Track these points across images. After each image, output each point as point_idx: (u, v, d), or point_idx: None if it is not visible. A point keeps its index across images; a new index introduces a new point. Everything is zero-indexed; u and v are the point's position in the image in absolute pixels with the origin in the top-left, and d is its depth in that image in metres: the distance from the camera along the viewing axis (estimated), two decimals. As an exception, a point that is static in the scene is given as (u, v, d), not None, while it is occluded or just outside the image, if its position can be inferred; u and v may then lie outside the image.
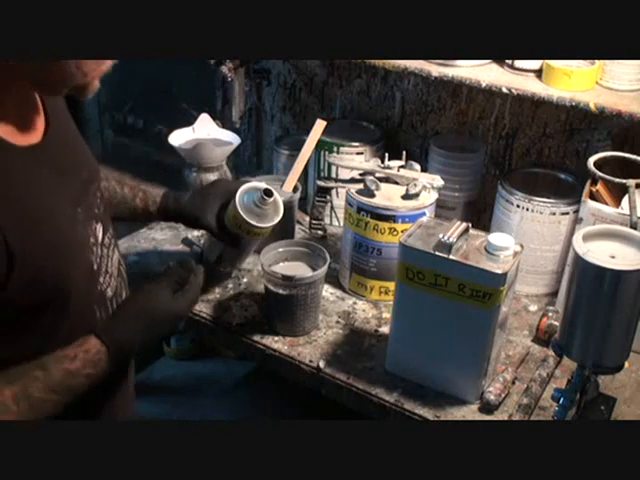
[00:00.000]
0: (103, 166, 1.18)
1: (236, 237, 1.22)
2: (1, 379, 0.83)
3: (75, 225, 0.91)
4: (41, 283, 0.84)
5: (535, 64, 1.29)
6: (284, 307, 1.25)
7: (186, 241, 1.54)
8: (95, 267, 0.95)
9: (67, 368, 0.87)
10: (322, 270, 1.24)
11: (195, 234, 1.57)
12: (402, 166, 1.36)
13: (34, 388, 0.84)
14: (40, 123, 0.90)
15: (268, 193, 1.17)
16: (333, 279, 1.42)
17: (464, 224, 1.09)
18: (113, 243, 1.02)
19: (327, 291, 1.39)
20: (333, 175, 1.52)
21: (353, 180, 1.36)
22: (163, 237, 1.58)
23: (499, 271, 1.04)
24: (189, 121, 1.57)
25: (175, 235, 1.58)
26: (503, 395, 1.15)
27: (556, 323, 1.26)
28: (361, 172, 1.36)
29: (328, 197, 1.45)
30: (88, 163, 1.01)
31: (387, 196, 1.31)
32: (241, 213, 1.17)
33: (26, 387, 0.84)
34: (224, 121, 1.68)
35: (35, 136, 0.88)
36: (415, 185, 1.30)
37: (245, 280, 1.43)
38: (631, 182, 1.14)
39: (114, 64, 0.85)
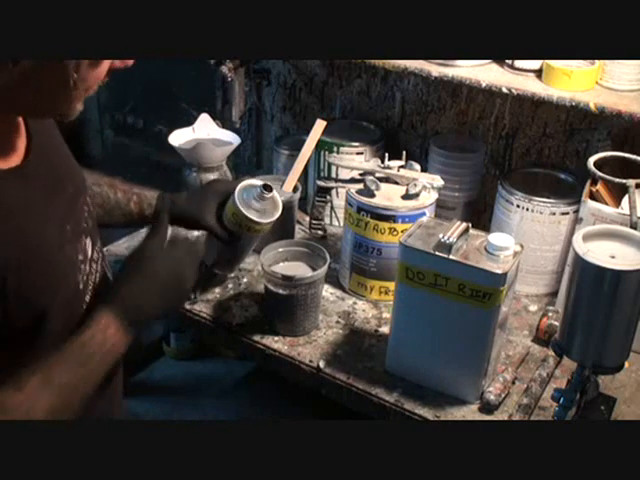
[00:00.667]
0: (93, 171, 1.17)
1: (235, 235, 1.22)
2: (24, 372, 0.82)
3: (63, 245, 0.88)
4: (26, 308, 0.82)
5: (535, 64, 1.29)
6: (284, 307, 1.25)
7: (186, 241, 1.53)
8: (81, 286, 0.92)
9: (83, 341, 0.86)
10: (322, 270, 1.24)
11: (195, 234, 1.56)
12: (402, 166, 1.36)
13: (55, 372, 0.83)
14: (21, 143, 0.86)
15: (267, 188, 1.17)
16: (333, 279, 1.42)
17: (464, 224, 1.09)
18: (101, 256, 1.00)
19: (327, 291, 1.39)
20: (333, 175, 1.52)
21: (353, 180, 1.36)
22: (163, 237, 1.57)
23: (499, 271, 1.04)
24: (189, 121, 1.57)
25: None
26: (503, 395, 1.15)
27: (556, 323, 1.25)
28: (361, 172, 1.36)
29: (328, 197, 1.45)
30: (73, 176, 0.97)
31: (387, 196, 1.31)
32: (241, 209, 1.16)
33: (47, 374, 0.83)
34: (224, 121, 1.68)
35: (16, 157, 0.85)
36: (415, 185, 1.30)
37: (245, 280, 1.43)
38: (631, 182, 1.14)
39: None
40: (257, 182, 1.19)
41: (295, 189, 1.43)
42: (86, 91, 0.82)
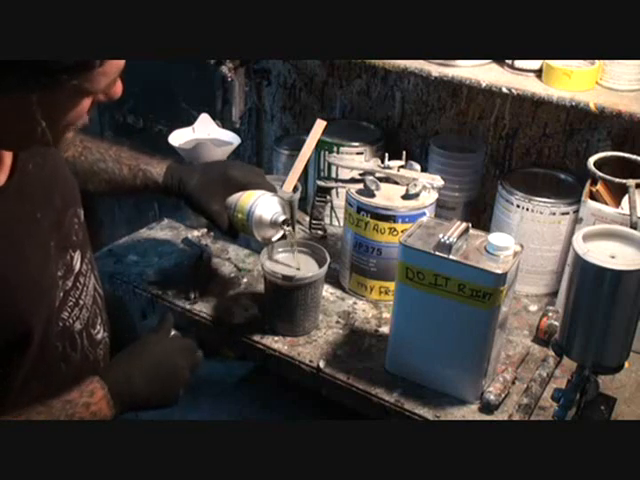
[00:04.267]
0: (100, 139, 1.16)
1: (236, 233, 1.23)
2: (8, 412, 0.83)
3: (47, 262, 0.88)
4: (7, 325, 0.82)
5: (535, 64, 1.29)
6: (284, 307, 1.25)
7: (186, 241, 1.54)
8: (57, 303, 0.91)
9: (67, 400, 0.86)
10: (322, 270, 1.24)
11: (195, 234, 1.57)
12: (402, 166, 1.36)
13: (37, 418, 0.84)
14: (7, 159, 0.85)
15: (286, 223, 1.20)
16: (333, 279, 1.42)
17: (464, 224, 1.09)
18: (90, 268, 1.00)
19: (327, 291, 1.39)
20: (333, 175, 1.52)
21: (353, 180, 1.36)
22: (163, 237, 1.58)
23: (499, 271, 1.04)
24: (189, 121, 1.57)
25: (175, 235, 1.58)
26: (503, 395, 1.15)
27: (556, 323, 1.25)
28: (361, 172, 1.36)
29: (328, 197, 1.45)
30: (63, 189, 0.96)
31: (387, 196, 1.31)
32: (252, 228, 1.18)
33: (29, 418, 0.84)
34: (224, 121, 1.68)
35: (2, 175, 0.84)
36: (415, 185, 1.30)
37: (245, 280, 1.43)
38: (631, 182, 1.14)
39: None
40: (275, 201, 1.20)
41: (295, 189, 1.43)
42: (69, 127, 0.81)
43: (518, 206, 1.35)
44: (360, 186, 1.33)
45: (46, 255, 0.89)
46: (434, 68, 1.32)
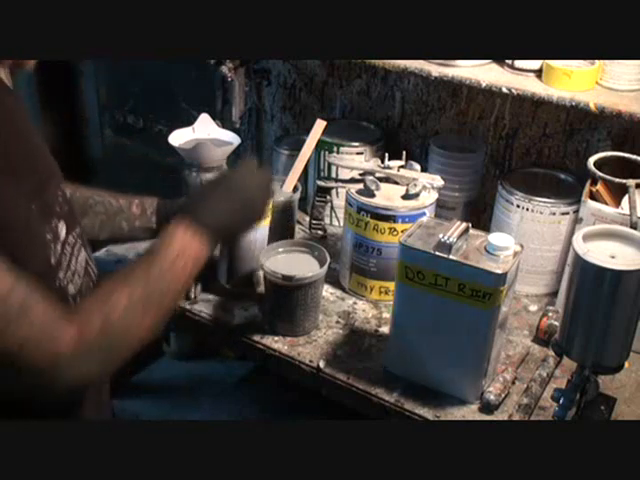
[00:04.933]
0: (92, 186, 1.18)
1: None
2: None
3: (29, 221, 0.89)
4: None
5: (535, 64, 1.29)
6: (284, 307, 1.25)
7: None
8: (53, 262, 0.92)
9: (166, 243, 0.91)
10: (322, 270, 1.24)
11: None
12: (402, 166, 1.36)
13: (138, 271, 0.88)
14: None
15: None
16: (333, 279, 1.42)
17: (464, 224, 1.09)
18: (80, 243, 1.01)
19: (327, 291, 1.39)
20: (333, 175, 1.52)
21: (353, 180, 1.36)
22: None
23: (499, 271, 1.04)
24: (189, 121, 1.57)
25: (175, 235, 1.58)
26: (503, 395, 1.15)
27: (556, 323, 1.25)
28: (361, 172, 1.36)
29: (328, 197, 1.45)
30: (45, 162, 0.98)
31: (387, 196, 1.31)
32: None
33: (129, 274, 0.87)
34: (224, 121, 1.68)
35: None
36: (415, 185, 1.30)
37: (245, 280, 1.43)
38: (631, 182, 1.14)
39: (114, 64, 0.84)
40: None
41: (295, 189, 1.43)
42: None
43: (518, 206, 1.35)
44: (360, 186, 1.33)
45: (28, 214, 0.89)
46: (434, 68, 1.32)
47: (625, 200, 1.19)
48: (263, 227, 1.30)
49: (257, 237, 1.30)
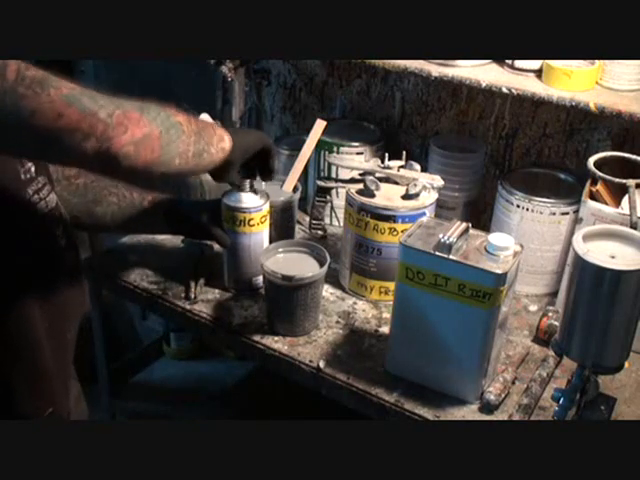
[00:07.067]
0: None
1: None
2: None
3: None
4: None
5: (535, 64, 1.29)
6: (284, 307, 1.25)
7: (186, 241, 1.54)
8: (23, 177, 0.91)
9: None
10: (322, 270, 1.24)
11: None
12: (402, 166, 1.36)
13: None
14: None
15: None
16: (333, 279, 1.42)
17: (464, 224, 1.09)
18: (49, 184, 0.99)
19: (327, 291, 1.39)
20: (333, 175, 1.52)
21: (353, 180, 1.36)
22: (163, 237, 1.57)
23: (499, 271, 1.04)
24: (189, 121, 1.56)
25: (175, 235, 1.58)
26: (503, 395, 1.15)
27: (556, 323, 1.25)
28: (361, 172, 1.36)
29: (328, 197, 1.45)
30: None
31: (387, 196, 1.31)
32: (227, 203, 1.28)
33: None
34: (224, 121, 1.68)
35: None
36: (415, 185, 1.30)
37: (245, 280, 1.43)
38: (631, 182, 1.14)
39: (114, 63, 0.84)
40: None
41: (295, 189, 1.43)
42: None
43: (518, 206, 1.35)
44: (360, 186, 1.33)
45: None
46: (434, 68, 1.32)
47: (625, 200, 1.19)
48: (260, 232, 1.31)
49: (256, 241, 1.31)
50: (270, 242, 1.33)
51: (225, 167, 1.07)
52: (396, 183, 1.34)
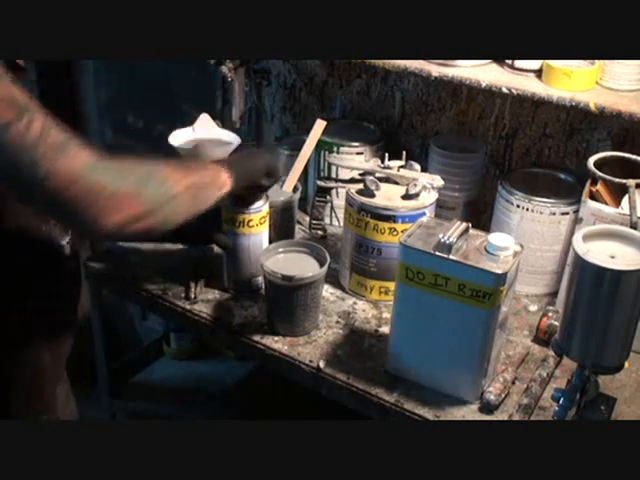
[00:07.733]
0: None
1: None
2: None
3: None
4: None
5: (535, 64, 1.29)
6: (284, 307, 1.25)
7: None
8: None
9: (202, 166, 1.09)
10: (322, 270, 1.24)
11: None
12: (402, 166, 1.36)
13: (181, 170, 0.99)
14: None
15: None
16: (333, 279, 1.42)
17: (464, 224, 1.09)
18: None
19: (327, 291, 1.39)
20: (333, 175, 1.52)
21: (353, 180, 1.36)
22: (163, 237, 1.58)
23: (499, 271, 1.04)
24: (189, 121, 1.57)
25: (175, 235, 1.58)
26: (503, 395, 1.15)
27: (556, 323, 1.25)
28: (361, 172, 1.36)
29: (328, 197, 1.45)
30: None
31: (387, 196, 1.31)
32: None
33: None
34: (224, 121, 1.68)
35: None
36: (415, 185, 1.30)
37: (245, 280, 1.43)
38: (631, 182, 1.14)
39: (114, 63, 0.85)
40: None
41: (295, 189, 1.43)
42: None
43: (518, 206, 1.35)
44: (360, 186, 1.33)
45: None
46: (434, 68, 1.32)
47: (625, 200, 1.19)
48: (259, 233, 1.31)
49: (255, 242, 1.31)
50: (270, 242, 1.34)
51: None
52: (396, 183, 1.34)
